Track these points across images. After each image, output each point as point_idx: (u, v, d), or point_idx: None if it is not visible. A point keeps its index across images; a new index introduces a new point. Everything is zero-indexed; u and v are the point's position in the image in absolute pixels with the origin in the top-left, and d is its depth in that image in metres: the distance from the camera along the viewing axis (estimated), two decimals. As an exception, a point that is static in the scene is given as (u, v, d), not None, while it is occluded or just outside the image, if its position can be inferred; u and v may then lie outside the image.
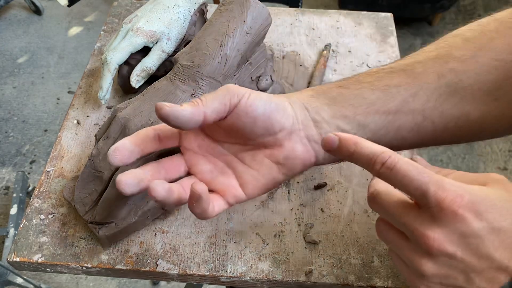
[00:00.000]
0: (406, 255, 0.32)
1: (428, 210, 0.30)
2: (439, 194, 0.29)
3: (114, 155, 0.36)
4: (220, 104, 0.36)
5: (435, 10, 1.97)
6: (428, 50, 0.42)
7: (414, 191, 0.30)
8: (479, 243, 0.29)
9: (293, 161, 0.40)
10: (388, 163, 0.31)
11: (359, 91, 0.41)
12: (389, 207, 0.33)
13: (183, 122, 0.35)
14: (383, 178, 0.32)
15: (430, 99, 0.40)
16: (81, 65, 2.01)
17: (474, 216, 0.29)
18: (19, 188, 1.49)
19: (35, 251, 0.50)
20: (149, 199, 0.50)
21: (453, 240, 0.30)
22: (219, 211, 0.39)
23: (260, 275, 0.48)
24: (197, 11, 0.63)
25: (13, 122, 1.82)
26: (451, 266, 0.30)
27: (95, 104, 0.64)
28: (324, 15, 0.78)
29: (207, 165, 0.41)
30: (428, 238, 0.30)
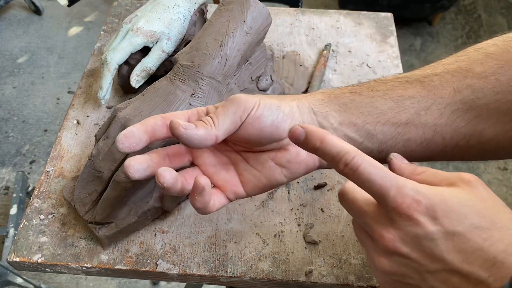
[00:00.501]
0: (370, 254, 0.34)
1: (386, 211, 0.31)
2: (397, 199, 0.30)
3: (123, 141, 0.36)
4: (231, 124, 0.37)
5: (435, 10, 1.97)
6: (448, 62, 0.41)
7: (375, 193, 0.31)
8: (433, 246, 0.30)
9: (296, 165, 0.40)
10: (351, 164, 0.31)
11: (371, 99, 0.40)
12: (353, 206, 0.34)
13: (195, 144, 0.36)
14: (347, 177, 0.32)
15: (443, 114, 0.39)
16: (81, 65, 2.01)
17: (429, 220, 0.30)
18: (19, 188, 1.49)
19: (35, 251, 0.49)
20: (149, 199, 0.50)
21: (407, 242, 0.31)
22: (219, 206, 0.39)
23: (260, 275, 0.48)
24: (197, 11, 0.63)
25: (13, 122, 1.82)
26: (407, 265, 0.31)
27: (95, 104, 0.64)
28: (324, 15, 0.78)
29: (211, 158, 0.41)
30: (383, 238, 0.31)
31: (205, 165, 0.41)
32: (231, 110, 0.37)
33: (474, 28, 2.14)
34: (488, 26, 2.14)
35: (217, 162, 0.41)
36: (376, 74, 0.68)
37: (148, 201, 0.50)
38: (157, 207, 0.51)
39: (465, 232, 0.30)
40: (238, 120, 0.37)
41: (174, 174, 0.36)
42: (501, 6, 2.22)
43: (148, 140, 0.38)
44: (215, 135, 0.36)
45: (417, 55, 2.04)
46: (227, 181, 0.40)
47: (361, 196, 0.34)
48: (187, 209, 0.53)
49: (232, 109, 0.37)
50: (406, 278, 0.32)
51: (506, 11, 2.19)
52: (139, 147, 0.37)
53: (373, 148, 0.40)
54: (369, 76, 0.68)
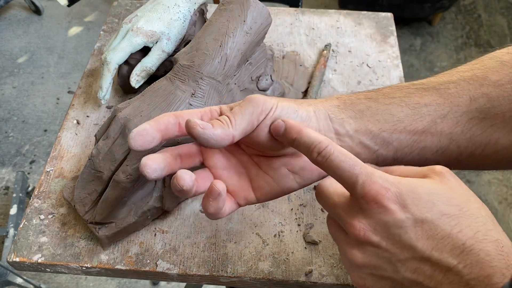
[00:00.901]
0: (343, 248, 0.34)
1: (357, 201, 0.32)
2: (366, 186, 0.31)
3: (136, 139, 0.35)
4: (248, 124, 0.36)
5: (435, 10, 1.97)
6: (463, 70, 0.41)
7: (345, 181, 0.32)
8: (402, 233, 0.30)
9: (309, 172, 0.39)
10: (323, 153, 0.32)
11: (388, 106, 0.40)
12: (327, 200, 0.35)
13: (211, 144, 0.35)
14: (320, 166, 0.33)
15: (459, 122, 0.39)
16: (81, 65, 2.01)
17: (398, 208, 0.30)
18: (19, 188, 1.49)
19: (35, 251, 0.49)
20: (149, 199, 0.50)
21: (377, 230, 0.31)
22: (229, 212, 0.39)
23: (260, 275, 0.48)
24: (197, 11, 0.63)
25: (13, 122, 1.82)
26: (378, 256, 0.32)
27: (95, 104, 0.64)
28: (324, 15, 0.78)
29: (223, 161, 0.40)
30: (354, 228, 0.32)
31: (216, 168, 0.40)
32: (248, 110, 0.36)
33: (474, 28, 2.14)
34: (488, 26, 2.14)
35: (229, 165, 0.40)
36: (376, 74, 0.68)
37: (148, 201, 0.50)
38: (157, 207, 0.51)
39: (434, 219, 0.30)
40: (255, 121, 0.37)
41: (193, 177, 0.35)
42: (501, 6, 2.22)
43: (161, 139, 0.37)
44: (232, 135, 0.35)
45: (417, 55, 2.04)
46: (239, 186, 0.40)
47: (334, 190, 0.35)
48: (187, 209, 0.53)
49: (249, 110, 0.36)
50: (379, 270, 0.32)
51: (506, 11, 2.19)
52: (152, 145, 0.36)
53: (388, 156, 0.40)
54: (369, 76, 0.68)
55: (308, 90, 0.65)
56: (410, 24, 2.15)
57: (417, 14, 2.00)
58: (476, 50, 2.05)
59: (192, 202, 0.54)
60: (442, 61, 2.02)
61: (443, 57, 2.03)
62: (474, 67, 0.41)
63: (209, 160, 0.40)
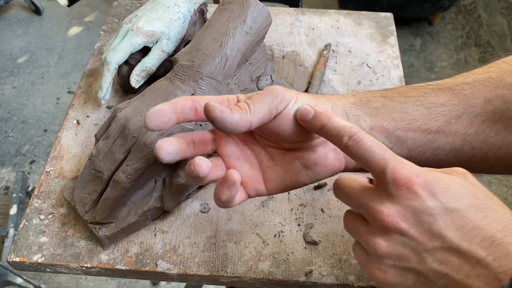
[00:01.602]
0: (363, 238, 0.33)
1: (385, 188, 0.31)
2: (396, 171, 0.30)
3: (152, 118, 0.35)
4: (267, 113, 0.36)
5: (435, 10, 1.97)
6: (478, 72, 0.41)
7: (375, 166, 0.31)
8: (432, 221, 0.30)
9: (322, 167, 0.39)
10: (354, 137, 0.32)
11: (404, 104, 0.40)
12: (350, 191, 0.34)
13: (228, 129, 0.35)
14: (349, 151, 0.33)
15: (473, 123, 0.39)
16: (81, 65, 2.01)
17: (428, 195, 0.30)
18: (19, 188, 1.49)
19: (35, 251, 0.49)
20: (149, 199, 0.50)
21: (407, 217, 0.30)
22: (239, 201, 0.39)
23: (260, 275, 0.48)
24: (197, 11, 0.63)
25: (13, 122, 1.82)
26: (404, 244, 0.31)
27: (95, 104, 0.64)
28: (324, 15, 0.78)
29: (236, 150, 0.40)
30: (382, 214, 0.31)
31: (228, 157, 0.40)
32: (267, 99, 0.36)
33: (474, 28, 2.14)
34: (488, 26, 2.14)
35: (242, 155, 0.40)
36: (376, 74, 0.68)
37: (148, 201, 0.50)
38: (157, 207, 0.51)
39: (463, 209, 0.30)
40: (273, 110, 0.36)
41: (210, 165, 0.35)
42: (501, 6, 2.22)
43: (176, 121, 0.37)
44: (250, 121, 0.35)
45: (417, 55, 2.04)
46: (250, 177, 0.40)
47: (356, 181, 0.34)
48: (187, 209, 0.53)
49: (269, 99, 0.36)
50: (403, 260, 0.31)
51: (506, 11, 2.19)
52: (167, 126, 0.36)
53: (402, 155, 0.40)
54: (369, 76, 0.68)
55: (308, 90, 0.65)
56: (410, 24, 2.15)
57: (417, 14, 2.00)
58: (476, 50, 2.05)
59: (192, 202, 0.54)
60: (442, 61, 2.02)
61: (443, 57, 2.03)
62: (490, 70, 0.41)
63: (222, 149, 0.40)
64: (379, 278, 0.32)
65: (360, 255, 0.34)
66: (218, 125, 0.35)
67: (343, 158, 0.40)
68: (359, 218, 0.34)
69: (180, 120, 0.37)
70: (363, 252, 0.34)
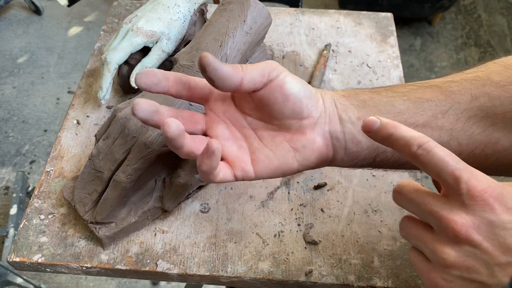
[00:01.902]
0: (429, 247, 0.32)
1: (458, 198, 0.30)
2: (472, 182, 0.29)
3: (142, 76, 0.36)
4: (259, 75, 0.37)
5: (435, 10, 1.97)
6: (466, 73, 0.42)
7: (448, 175, 0.30)
8: (507, 235, 0.29)
9: (310, 151, 0.40)
10: (425, 146, 0.31)
11: (390, 98, 0.41)
12: (416, 197, 0.33)
13: (219, 78, 0.35)
14: (418, 160, 0.32)
15: (459, 119, 0.39)
16: (81, 65, 2.01)
17: (504, 208, 0.29)
18: (19, 188, 1.49)
19: (35, 251, 0.49)
20: (149, 199, 0.50)
21: (481, 229, 0.29)
22: (223, 178, 0.39)
23: (260, 275, 0.48)
24: (197, 11, 0.63)
25: (13, 122, 1.82)
26: (475, 256, 0.30)
27: (95, 104, 0.64)
28: (324, 15, 0.78)
29: (226, 132, 0.41)
30: (456, 223, 0.30)
31: (218, 138, 0.40)
32: (261, 65, 0.37)
33: (474, 28, 2.14)
34: (488, 26, 2.14)
35: (231, 137, 0.41)
36: (376, 74, 0.68)
37: (148, 201, 0.50)
38: (157, 207, 0.51)
39: None
40: (266, 74, 0.37)
41: (181, 127, 0.36)
42: (501, 6, 2.22)
43: (166, 88, 0.37)
44: (241, 77, 0.36)
45: (417, 55, 2.04)
46: (238, 157, 0.40)
47: (422, 188, 0.33)
48: (187, 209, 0.53)
49: (262, 65, 0.37)
50: (471, 272, 0.30)
51: (506, 11, 2.19)
52: (155, 88, 0.37)
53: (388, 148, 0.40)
54: (369, 76, 0.68)
55: (308, 90, 0.65)
56: (410, 24, 2.15)
57: (417, 14, 2.00)
58: (476, 50, 2.05)
59: (192, 202, 0.54)
60: (442, 61, 2.02)
61: (443, 57, 2.03)
62: (478, 70, 0.41)
63: (212, 130, 0.41)
64: (442, 287, 0.32)
65: (419, 263, 0.33)
66: (210, 71, 0.35)
67: (331, 146, 0.40)
68: (421, 224, 0.33)
69: (172, 90, 0.38)
70: (423, 260, 0.33)
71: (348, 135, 0.40)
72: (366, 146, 0.40)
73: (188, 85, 0.40)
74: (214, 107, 0.41)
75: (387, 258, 0.49)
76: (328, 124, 0.40)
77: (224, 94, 0.41)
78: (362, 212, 0.53)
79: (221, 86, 0.37)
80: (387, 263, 0.49)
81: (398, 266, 0.49)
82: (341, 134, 0.40)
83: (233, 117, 0.41)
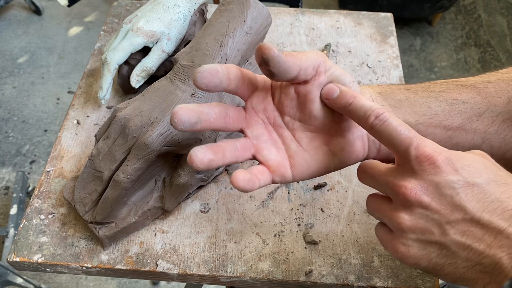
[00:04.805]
0: (387, 215, 0.34)
1: (408, 165, 0.32)
2: (420, 148, 0.32)
3: (204, 75, 0.34)
4: (311, 66, 0.36)
5: (435, 10, 1.97)
6: (503, 72, 0.42)
7: (400, 143, 0.32)
8: (453, 194, 0.31)
9: (348, 154, 0.39)
10: (381, 116, 0.33)
11: (426, 99, 0.40)
12: (374, 172, 0.35)
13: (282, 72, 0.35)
14: (374, 130, 0.34)
15: (494, 122, 0.39)
16: (81, 65, 2.01)
17: (450, 169, 0.31)
18: (19, 188, 1.49)
19: (35, 251, 0.50)
20: (149, 199, 0.50)
21: (429, 190, 0.31)
22: (263, 184, 0.38)
23: (260, 275, 0.48)
24: (197, 11, 0.63)
25: (13, 122, 1.82)
26: (427, 217, 0.32)
27: (95, 104, 0.64)
28: (324, 15, 0.78)
29: (264, 133, 0.40)
30: (405, 188, 0.32)
31: (257, 139, 0.39)
32: (312, 56, 0.36)
33: (474, 28, 2.14)
34: (488, 26, 2.14)
35: (269, 138, 0.40)
36: (376, 74, 0.68)
37: (148, 201, 0.50)
38: (157, 207, 0.51)
39: (483, 183, 0.31)
40: (316, 67, 0.36)
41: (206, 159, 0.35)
42: (501, 6, 2.22)
43: (226, 87, 0.36)
44: (299, 66, 0.35)
45: (417, 55, 2.04)
46: (278, 162, 0.39)
47: (380, 163, 0.35)
48: (187, 209, 0.53)
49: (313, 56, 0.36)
50: (426, 233, 0.32)
51: (506, 11, 2.19)
52: (215, 89, 0.35)
53: None
54: (369, 76, 0.68)
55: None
56: (410, 24, 2.15)
57: (417, 14, 2.00)
58: (476, 50, 2.05)
59: (192, 202, 0.54)
60: (442, 61, 2.02)
61: (443, 57, 2.03)
62: None
63: (252, 130, 0.39)
64: (402, 252, 0.33)
65: (383, 235, 0.35)
66: (274, 66, 0.34)
67: (366, 148, 0.40)
68: (382, 198, 0.35)
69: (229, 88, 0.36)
70: (386, 231, 0.34)
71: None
72: None
73: (243, 79, 0.37)
74: (256, 103, 0.40)
75: (387, 258, 0.49)
76: None
77: (266, 91, 0.40)
78: (362, 212, 0.53)
79: (281, 79, 0.36)
80: (387, 263, 0.49)
81: (398, 266, 0.49)
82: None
83: (271, 116, 0.40)
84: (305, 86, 0.37)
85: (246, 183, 0.36)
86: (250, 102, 0.40)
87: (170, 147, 0.47)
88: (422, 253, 0.32)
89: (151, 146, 0.45)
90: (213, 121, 0.37)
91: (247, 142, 0.39)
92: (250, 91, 0.39)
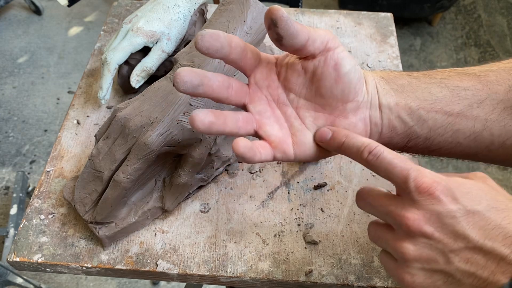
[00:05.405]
0: (391, 245, 0.34)
1: (408, 195, 0.32)
2: (418, 179, 0.32)
3: (206, 38, 0.34)
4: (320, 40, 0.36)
5: (435, 10, 1.97)
6: (504, 62, 0.42)
7: (397, 176, 0.33)
8: (455, 223, 0.31)
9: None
10: (375, 151, 0.34)
11: (428, 85, 0.41)
12: (374, 200, 0.35)
13: (290, 34, 0.35)
14: (370, 165, 0.34)
15: (495, 109, 0.39)
16: (81, 65, 2.01)
17: (450, 199, 0.31)
18: (19, 188, 1.49)
19: (35, 251, 0.50)
20: (149, 199, 0.50)
21: (431, 220, 0.32)
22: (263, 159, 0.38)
23: (260, 275, 0.48)
24: (197, 11, 0.63)
25: (13, 122, 1.82)
26: (431, 247, 0.32)
27: (95, 104, 0.64)
28: (324, 15, 0.78)
29: (267, 109, 0.40)
30: (408, 219, 0.32)
31: (260, 114, 0.39)
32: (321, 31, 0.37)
33: (474, 28, 2.14)
34: (488, 26, 2.14)
35: (272, 115, 0.40)
36: (376, 74, 0.68)
37: (148, 201, 0.50)
38: (157, 207, 0.51)
39: (484, 211, 0.31)
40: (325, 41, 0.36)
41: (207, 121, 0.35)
42: (501, 6, 2.22)
43: (227, 54, 0.36)
44: (308, 34, 0.35)
45: (417, 55, 2.04)
46: (280, 138, 0.39)
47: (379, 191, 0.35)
48: (187, 209, 0.53)
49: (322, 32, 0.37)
50: (431, 262, 0.32)
51: (506, 11, 2.19)
52: (216, 54, 0.35)
53: (421, 134, 0.40)
54: (369, 76, 0.68)
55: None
56: (410, 24, 2.15)
57: (417, 14, 2.00)
58: (476, 50, 2.05)
59: (192, 202, 0.54)
60: (442, 61, 2.02)
61: (443, 57, 2.03)
62: None
63: (255, 106, 0.39)
64: (408, 282, 0.33)
65: (387, 263, 0.35)
66: (281, 27, 0.34)
67: (369, 129, 0.40)
68: (384, 226, 0.35)
69: (230, 56, 0.36)
70: (391, 259, 0.35)
71: (385, 120, 0.40)
72: (400, 131, 0.40)
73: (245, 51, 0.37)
74: (260, 79, 0.40)
75: (387, 258, 0.49)
76: (369, 109, 0.40)
77: (270, 68, 0.40)
78: (362, 212, 0.53)
79: (288, 44, 0.36)
80: (387, 263, 0.49)
81: (398, 266, 0.49)
82: (379, 119, 0.40)
83: (275, 93, 0.40)
84: (313, 61, 0.38)
85: (248, 150, 0.36)
86: (254, 77, 0.40)
87: (170, 147, 0.47)
88: (428, 281, 0.33)
89: (151, 146, 0.45)
90: (215, 88, 0.37)
91: (249, 116, 0.39)
92: (253, 65, 0.39)
